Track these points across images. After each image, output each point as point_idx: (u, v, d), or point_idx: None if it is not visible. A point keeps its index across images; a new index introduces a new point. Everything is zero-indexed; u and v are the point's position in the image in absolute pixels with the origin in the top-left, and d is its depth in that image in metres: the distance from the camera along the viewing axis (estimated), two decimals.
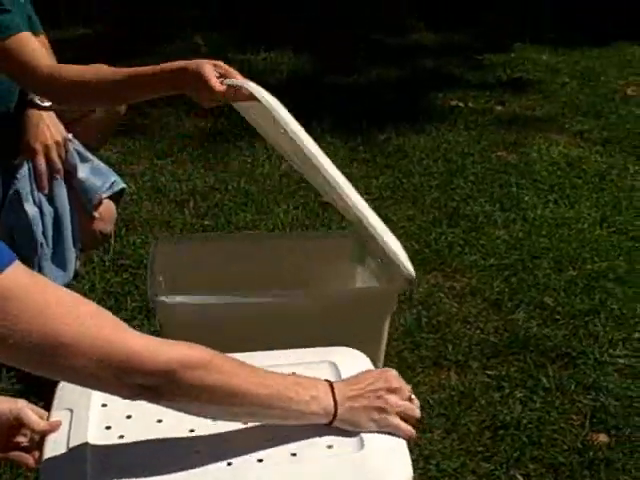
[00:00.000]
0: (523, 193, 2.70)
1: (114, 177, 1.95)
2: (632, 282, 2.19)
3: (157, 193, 2.66)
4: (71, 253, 1.88)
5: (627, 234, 2.47)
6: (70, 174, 1.87)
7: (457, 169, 2.88)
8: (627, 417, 1.68)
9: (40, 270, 1.81)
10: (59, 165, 1.84)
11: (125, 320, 0.94)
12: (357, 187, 2.71)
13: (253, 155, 2.94)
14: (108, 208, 1.95)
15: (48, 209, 1.85)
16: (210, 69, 1.42)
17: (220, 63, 1.46)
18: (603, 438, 1.62)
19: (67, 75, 1.56)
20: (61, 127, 1.87)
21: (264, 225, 2.45)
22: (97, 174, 1.93)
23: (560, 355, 1.88)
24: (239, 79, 1.45)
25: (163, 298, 1.52)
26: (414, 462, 1.51)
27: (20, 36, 1.64)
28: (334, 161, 3.01)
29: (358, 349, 1.24)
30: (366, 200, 2.58)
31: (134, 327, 1.87)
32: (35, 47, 1.64)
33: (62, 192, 1.88)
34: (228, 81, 1.42)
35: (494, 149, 3.08)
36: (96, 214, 1.90)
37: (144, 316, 1.94)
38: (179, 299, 1.57)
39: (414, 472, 1.36)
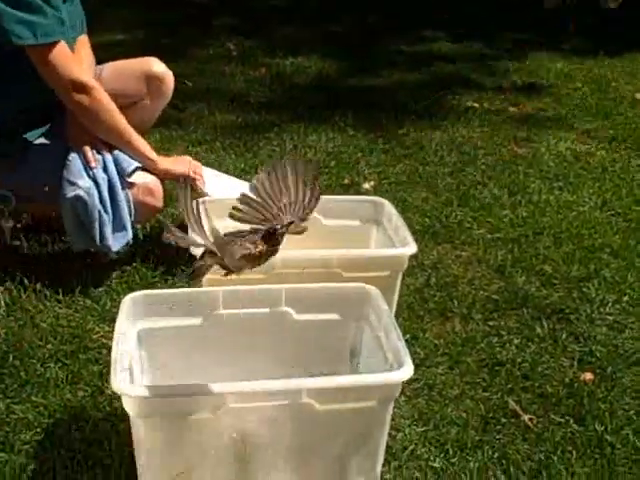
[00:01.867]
0: (530, 181, 2.91)
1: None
2: (625, 255, 2.39)
3: None
4: (127, 214, 2.12)
5: (624, 216, 2.67)
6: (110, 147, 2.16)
7: (470, 160, 3.09)
8: (611, 360, 1.88)
9: (102, 235, 2.06)
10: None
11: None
12: (375, 173, 2.97)
13: (280, 146, 3.18)
14: (157, 186, 2.20)
15: (102, 176, 2.09)
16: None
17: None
18: (589, 376, 1.82)
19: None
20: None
21: None
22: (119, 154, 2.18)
23: (555, 311, 2.08)
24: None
25: None
26: (419, 389, 1.73)
27: (61, 45, 1.99)
28: (354, 151, 3.27)
29: None
30: (383, 184, 2.85)
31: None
32: (72, 58, 2.05)
33: (111, 162, 2.13)
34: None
35: (505, 144, 3.29)
36: (134, 181, 2.15)
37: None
38: None
39: (419, 397, 1.59)
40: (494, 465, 1.54)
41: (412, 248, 1.79)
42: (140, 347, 1.52)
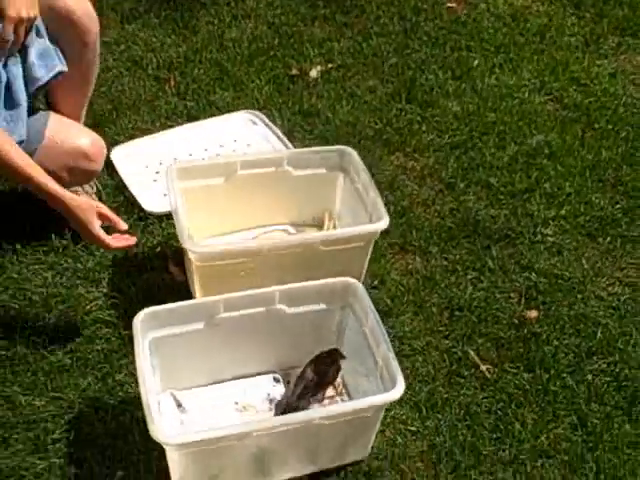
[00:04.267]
0: (472, 58, 2.96)
1: (57, 61, 1.97)
2: (563, 159, 2.57)
3: (135, 66, 2.83)
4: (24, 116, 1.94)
5: (561, 102, 2.81)
6: (25, 52, 1.92)
7: (411, 28, 3.10)
8: (553, 294, 2.14)
9: None
10: (21, 40, 1.87)
11: None
12: (320, 55, 2.95)
13: (219, 17, 3.08)
14: (98, 145, 2.08)
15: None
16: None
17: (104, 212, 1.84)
18: (534, 314, 2.08)
19: None
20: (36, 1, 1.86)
21: (242, 104, 2.69)
22: (43, 58, 1.95)
23: (502, 237, 2.29)
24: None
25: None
26: (391, 342, 1.95)
27: None
28: (294, 21, 3.18)
29: None
30: (330, 71, 2.85)
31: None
32: None
33: (16, 68, 1.91)
34: None
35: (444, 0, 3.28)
36: None
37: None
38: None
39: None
40: (460, 423, 1.84)
41: (385, 222, 1.93)
42: (152, 356, 1.68)
